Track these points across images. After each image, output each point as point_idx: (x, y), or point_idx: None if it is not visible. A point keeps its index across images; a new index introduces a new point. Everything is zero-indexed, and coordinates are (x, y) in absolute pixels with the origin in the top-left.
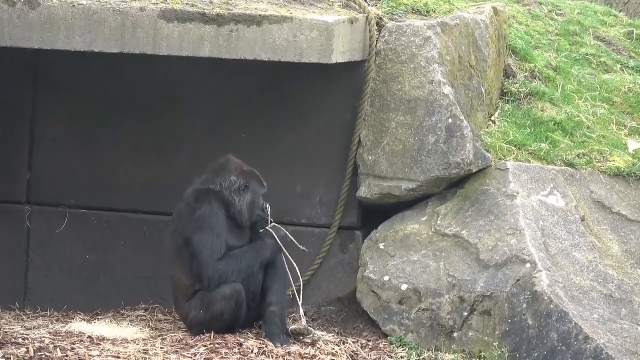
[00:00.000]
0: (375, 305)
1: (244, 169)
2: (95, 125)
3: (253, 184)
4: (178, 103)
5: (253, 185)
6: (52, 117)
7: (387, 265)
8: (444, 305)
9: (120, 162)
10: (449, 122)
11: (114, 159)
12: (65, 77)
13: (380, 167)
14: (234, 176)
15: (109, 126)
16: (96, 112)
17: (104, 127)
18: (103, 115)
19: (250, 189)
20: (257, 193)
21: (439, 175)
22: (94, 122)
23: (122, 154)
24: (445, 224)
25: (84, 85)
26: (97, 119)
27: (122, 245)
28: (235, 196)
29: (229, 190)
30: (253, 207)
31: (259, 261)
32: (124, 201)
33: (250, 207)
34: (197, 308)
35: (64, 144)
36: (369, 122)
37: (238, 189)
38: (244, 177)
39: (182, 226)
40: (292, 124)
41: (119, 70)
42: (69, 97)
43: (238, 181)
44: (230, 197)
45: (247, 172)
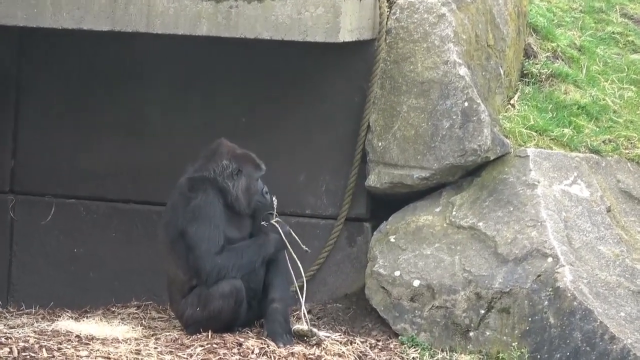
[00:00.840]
0: (385, 302)
1: (236, 152)
2: (84, 109)
3: (246, 167)
4: (173, 85)
5: (247, 168)
6: (37, 101)
7: (397, 259)
8: (459, 303)
9: (111, 148)
10: (465, 105)
11: (103, 145)
12: (50, 59)
13: (390, 154)
14: (225, 160)
15: (98, 110)
16: (85, 94)
17: (93, 111)
18: (92, 98)
19: (243, 172)
20: (252, 176)
21: (453, 162)
22: (82, 105)
23: (112, 140)
24: (461, 215)
25: (70, 67)
26: (85, 102)
27: (113, 238)
28: (229, 182)
29: (222, 176)
30: (250, 192)
31: (261, 256)
32: (115, 190)
33: (247, 193)
34: (194, 305)
35: (50, 129)
36: (379, 106)
37: (231, 174)
38: (236, 160)
39: (176, 217)
40: (295, 107)
41: (108, 49)
42: (54, 80)
43: (230, 165)
44: (224, 184)
45: (240, 154)
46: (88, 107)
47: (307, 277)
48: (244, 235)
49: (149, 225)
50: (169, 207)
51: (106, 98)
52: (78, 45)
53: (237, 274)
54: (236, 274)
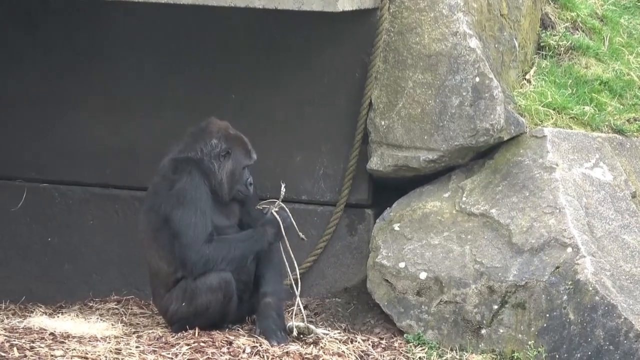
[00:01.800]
0: (388, 296)
1: (228, 132)
2: (58, 84)
3: (236, 150)
4: (156, 59)
5: (236, 152)
6: (7, 75)
7: (402, 249)
8: (470, 297)
9: (88, 127)
10: (476, 80)
11: (80, 124)
12: (21, 33)
13: (394, 134)
14: (215, 139)
15: (74, 85)
16: (59, 69)
17: (68, 87)
18: (67, 73)
19: (232, 155)
20: (239, 162)
21: (463, 143)
22: (56, 80)
23: (89, 118)
24: (472, 200)
25: (43, 41)
26: (60, 77)
27: (90, 226)
28: (215, 162)
29: (209, 156)
30: (233, 178)
31: (254, 251)
32: (92, 173)
33: (230, 178)
34: (179, 300)
35: (21, 105)
36: (382, 81)
37: (218, 155)
38: (227, 140)
39: (159, 202)
40: (290, 83)
41: (85, 18)
42: (25, 54)
43: (219, 145)
44: (210, 164)
45: (232, 136)
46: (63, 83)
47: (304, 269)
48: (232, 222)
49: (130, 212)
50: (151, 192)
51: (83, 72)
52: (52, 17)
53: (227, 267)
54: (225, 267)
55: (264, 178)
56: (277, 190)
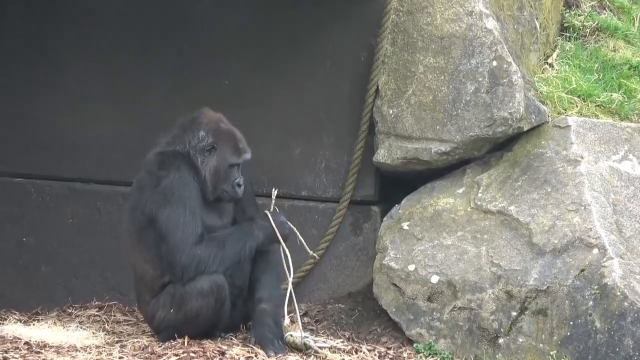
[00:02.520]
0: (397, 302)
1: (219, 125)
2: (34, 70)
3: (223, 146)
4: (141, 41)
5: (223, 147)
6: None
7: (412, 250)
8: (487, 303)
9: (67, 117)
10: (493, 65)
11: (58, 114)
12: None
13: (403, 124)
14: (202, 131)
15: (51, 71)
16: (35, 54)
17: (45, 73)
18: (44, 58)
19: (217, 151)
20: (225, 159)
21: (479, 134)
22: (32, 66)
23: (69, 107)
24: (488, 197)
25: (17, 24)
26: (36, 62)
27: (69, 225)
28: (199, 157)
29: (195, 150)
30: (217, 176)
31: (247, 246)
32: (71, 167)
33: (213, 176)
34: (167, 306)
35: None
36: (390, 65)
37: (203, 149)
38: (215, 134)
39: (144, 200)
40: (289, 68)
41: (61, 1)
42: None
43: (206, 138)
44: (194, 159)
45: (222, 130)
46: (39, 69)
47: (304, 272)
48: (226, 222)
49: (113, 209)
50: (135, 188)
51: (59, 55)
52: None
53: (220, 267)
54: (218, 268)
55: (261, 172)
56: (275, 186)
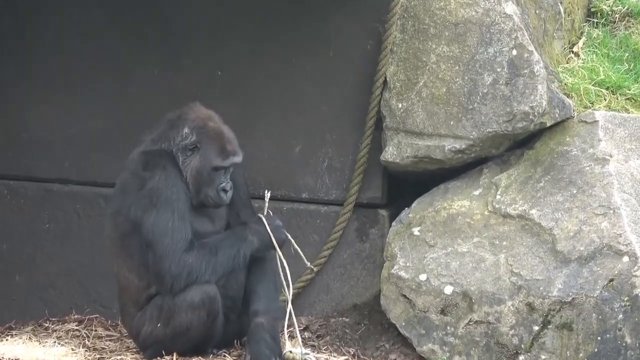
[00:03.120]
0: (407, 315)
1: (206, 122)
2: (6, 60)
3: (208, 146)
4: (123, 24)
5: (207, 148)
6: None
7: (424, 258)
8: (506, 316)
9: (44, 112)
10: (513, 54)
11: (30, 106)
12: None
13: (414, 119)
14: (187, 128)
15: (21, 58)
16: (7, 42)
17: (20, 63)
18: (17, 43)
19: (200, 151)
20: (208, 161)
21: (498, 129)
22: (3, 55)
23: (43, 99)
24: (508, 199)
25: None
26: (9, 50)
27: (46, 230)
28: (181, 156)
29: (177, 148)
30: (199, 179)
31: (241, 253)
32: (48, 167)
33: (195, 179)
34: (153, 319)
35: None
36: (399, 54)
37: (185, 147)
38: (199, 132)
39: (127, 204)
40: (288, 57)
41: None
42: None
43: (189, 136)
44: (177, 158)
45: (209, 128)
46: (12, 58)
47: (304, 282)
48: (218, 228)
49: (93, 213)
50: (118, 191)
51: (33, 45)
52: None
53: (213, 276)
54: (211, 277)
55: (257, 172)
56: (272, 187)
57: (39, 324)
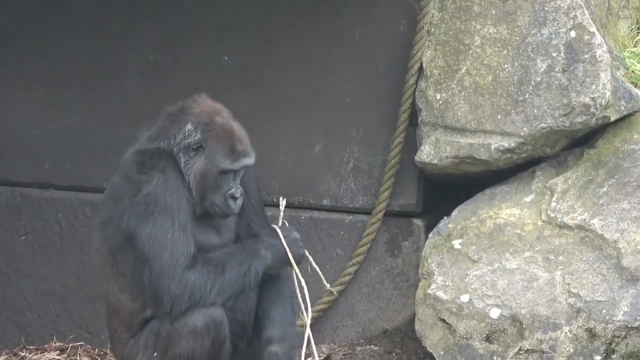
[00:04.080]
0: (446, 343)
1: (213, 118)
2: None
3: (214, 145)
4: (114, 8)
5: (213, 147)
6: None
7: (466, 276)
8: (562, 344)
9: (17, 104)
10: (571, 36)
11: (5, 99)
12: None
13: (455, 112)
14: (190, 124)
15: (2, 50)
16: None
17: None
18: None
19: (205, 151)
20: (215, 164)
21: (553, 125)
22: None
23: (19, 91)
24: (564, 207)
25: None
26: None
27: (22, 243)
28: (182, 156)
29: (179, 147)
30: (204, 184)
31: (252, 270)
32: (25, 169)
33: (200, 183)
34: (149, 348)
35: None
36: (437, 37)
37: (188, 146)
38: (204, 129)
39: (120, 213)
40: (308, 40)
41: None
42: None
43: (193, 133)
44: (178, 158)
45: (216, 124)
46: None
47: (326, 304)
48: (226, 240)
49: (78, 222)
50: (109, 197)
51: (11, 29)
52: None
53: (219, 297)
54: (216, 298)
55: (270, 176)
56: (289, 193)
57: (14, 352)
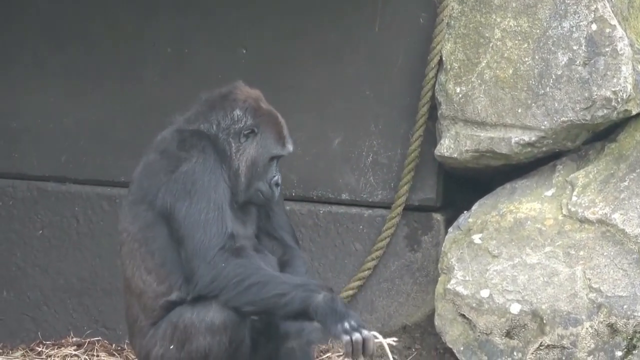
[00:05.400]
0: (466, 338)
1: (259, 104)
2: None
3: (266, 131)
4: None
5: (266, 133)
6: None
7: (486, 271)
8: (583, 339)
9: (33, 96)
10: (592, 28)
11: (21, 92)
12: None
13: (475, 106)
14: (239, 110)
15: (11, 36)
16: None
17: (3, 39)
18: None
19: (257, 137)
20: (267, 149)
21: (574, 119)
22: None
23: (35, 83)
24: (585, 201)
25: None
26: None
27: (39, 238)
28: (232, 142)
29: (227, 132)
30: (254, 170)
31: (291, 306)
32: (42, 162)
33: (250, 169)
34: (166, 339)
35: None
36: (457, 29)
37: (239, 132)
38: (255, 115)
39: (155, 188)
40: (325, 31)
41: None
42: None
43: (244, 119)
44: (226, 145)
45: (264, 111)
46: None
47: (345, 298)
48: (249, 232)
49: (96, 216)
50: (143, 175)
51: (27, 22)
52: None
53: (238, 300)
54: (235, 300)
55: (289, 169)
56: (308, 187)
57: (31, 348)
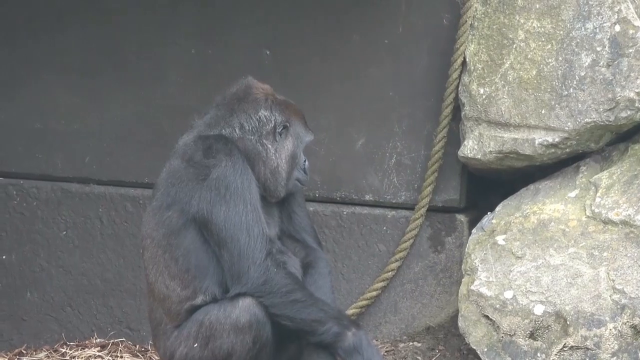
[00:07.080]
0: (489, 339)
1: (277, 97)
2: (11, 38)
3: (295, 122)
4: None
5: (295, 125)
6: None
7: (510, 272)
8: (607, 340)
9: (58, 96)
10: (616, 30)
11: (46, 93)
12: None
13: (498, 107)
14: (264, 110)
15: (34, 36)
16: (11, 17)
17: (25, 39)
18: (20, 19)
19: (291, 131)
20: (300, 139)
21: (597, 120)
22: (8, 32)
23: (59, 83)
24: (609, 202)
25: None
26: (12, 25)
27: (62, 239)
28: (267, 143)
29: (258, 135)
30: (292, 162)
31: (320, 332)
32: (66, 163)
33: (290, 163)
34: (190, 339)
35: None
36: (481, 31)
37: (272, 131)
38: (281, 111)
39: (187, 197)
40: (348, 33)
41: None
42: None
43: (272, 118)
44: (258, 147)
45: (283, 103)
46: (22, 38)
47: (368, 300)
48: (274, 233)
49: (119, 217)
50: (168, 182)
51: (49, 21)
52: None
53: (282, 308)
54: (279, 307)
55: (312, 170)
56: (331, 188)
57: (55, 349)
